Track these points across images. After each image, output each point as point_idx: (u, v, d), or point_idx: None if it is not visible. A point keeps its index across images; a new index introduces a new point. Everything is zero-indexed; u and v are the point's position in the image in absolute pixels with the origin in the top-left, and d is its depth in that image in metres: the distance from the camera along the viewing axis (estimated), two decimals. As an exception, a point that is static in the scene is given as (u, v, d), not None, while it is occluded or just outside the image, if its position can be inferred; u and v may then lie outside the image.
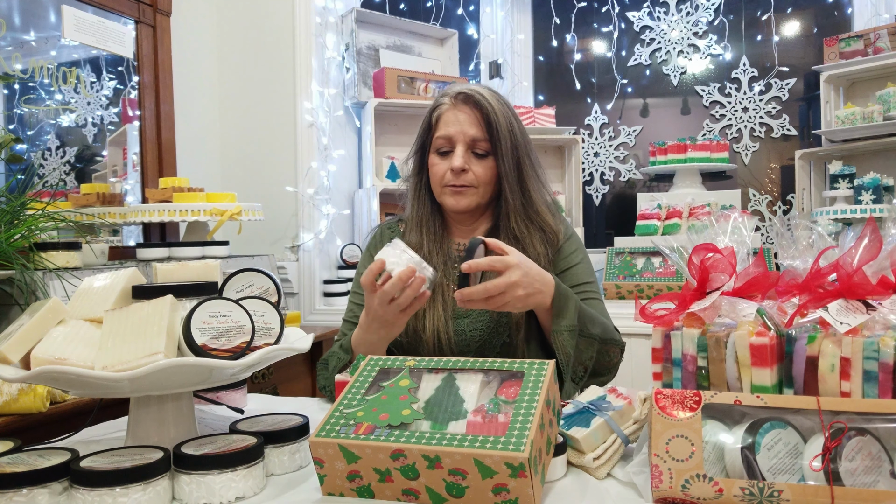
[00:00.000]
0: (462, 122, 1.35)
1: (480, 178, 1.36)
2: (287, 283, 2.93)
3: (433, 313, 1.34)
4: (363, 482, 0.83)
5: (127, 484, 0.78)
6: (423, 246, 1.40)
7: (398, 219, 1.53)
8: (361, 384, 0.92)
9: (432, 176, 1.40)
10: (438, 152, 1.38)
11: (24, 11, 2.25)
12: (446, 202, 1.39)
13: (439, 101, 1.40)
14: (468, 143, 1.34)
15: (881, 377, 0.78)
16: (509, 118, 1.36)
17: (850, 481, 0.73)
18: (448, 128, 1.36)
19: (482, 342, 1.33)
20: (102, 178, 2.52)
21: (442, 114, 1.38)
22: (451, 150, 1.36)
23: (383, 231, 1.51)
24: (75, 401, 1.42)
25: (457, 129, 1.34)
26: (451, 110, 1.37)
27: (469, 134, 1.34)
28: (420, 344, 1.34)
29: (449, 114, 1.37)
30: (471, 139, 1.34)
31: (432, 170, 1.39)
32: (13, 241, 1.55)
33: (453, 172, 1.35)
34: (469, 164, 1.35)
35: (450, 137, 1.35)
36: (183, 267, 1.04)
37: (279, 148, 2.97)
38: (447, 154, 1.37)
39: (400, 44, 3.18)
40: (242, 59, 3.01)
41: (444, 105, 1.38)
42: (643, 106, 3.25)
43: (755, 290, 0.90)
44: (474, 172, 1.35)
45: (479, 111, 1.34)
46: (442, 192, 1.38)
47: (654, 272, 2.55)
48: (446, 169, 1.36)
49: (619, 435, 0.92)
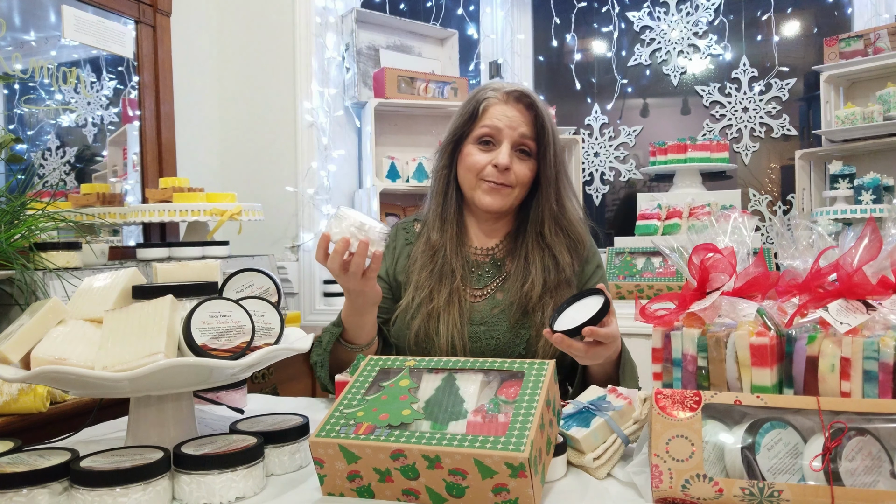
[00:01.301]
0: (512, 119, 1.30)
1: (520, 178, 1.32)
2: (287, 283, 2.93)
3: (448, 317, 1.30)
4: (363, 482, 0.83)
5: (127, 484, 0.78)
6: (445, 247, 1.36)
7: (413, 219, 1.49)
8: (361, 384, 0.92)
9: (467, 166, 1.34)
10: (479, 142, 1.33)
11: (24, 11, 2.25)
12: (480, 199, 1.33)
13: (485, 93, 1.35)
14: (515, 141, 1.31)
15: (881, 377, 0.78)
16: (554, 124, 1.34)
17: (850, 481, 0.73)
18: (497, 120, 1.31)
19: (497, 351, 1.30)
20: (102, 178, 2.52)
21: (490, 106, 1.33)
22: (495, 142, 1.32)
23: (398, 231, 1.48)
24: (75, 401, 1.42)
25: (507, 123, 1.30)
26: (500, 105, 1.32)
27: (518, 131, 1.30)
28: (433, 349, 1.31)
29: (498, 107, 1.32)
30: (519, 136, 1.30)
31: (468, 159, 1.34)
32: (13, 241, 1.55)
33: (497, 169, 1.30)
34: (512, 162, 1.31)
35: (498, 130, 1.31)
36: (183, 267, 1.04)
37: (279, 148, 2.97)
38: (489, 146, 1.32)
39: (400, 44, 3.18)
40: (242, 60, 3.01)
41: (493, 98, 1.34)
42: (643, 106, 3.25)
43: (755, 290, 0.90)
44: (516, 172, 1.31)
45: (531, 112, 1.31)
46: (477, 185, 1.33)
47: (654, 272, 2.55)
48: (487, 162, 1.31)
49: (619, 435, 0.92)
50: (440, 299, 1.31)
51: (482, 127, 1.32)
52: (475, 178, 1.33)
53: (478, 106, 1.34)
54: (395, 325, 1.37)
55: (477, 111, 1.34)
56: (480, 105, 1.34)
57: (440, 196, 1.40)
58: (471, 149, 1.34)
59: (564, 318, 1.10)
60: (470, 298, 1.36)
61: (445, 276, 1.34)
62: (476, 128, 1.33)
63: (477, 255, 1.40)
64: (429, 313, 1.31)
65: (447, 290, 1.32)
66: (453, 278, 1.34)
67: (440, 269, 1.34)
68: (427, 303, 1.32)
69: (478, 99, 1.35)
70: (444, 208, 1.39)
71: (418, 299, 1.33)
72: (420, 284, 1.34)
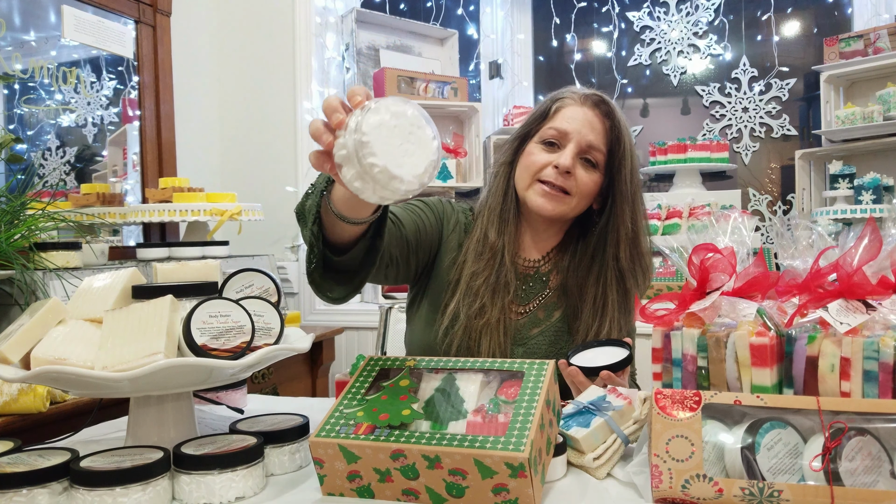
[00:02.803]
0: (584, 123, 1.22)
1: (582, 187, 1.22)
2: (287, 283, 2.93)
3: (492, 338, 1.21)
4: (363, 482, 0.83)
5: (127, 484, 0.78)
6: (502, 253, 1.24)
7: (469, 207, 1.36)
8: (361, 384, 0.92)
9: (526, 164, 1.25)
10: (544, 142, 1.24)
11: (24, 11, 2.25)
12: (533, 201, 1.23)
13: (563, 93, 1.27)
14: (582, 147, 1.21)
15: (881, 377, 0.78)
16: (632, 140, 1.25)
17: (850, 481, 0.73)
18: (566, 123, 1.22)
19: None
20: (102, 178, 2.52)
21: (564, 107, 1.24)
22: (560, 145, 1.22)
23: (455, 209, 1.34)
24: (75, 401, 1.42)
25: (576, 126, 1.21)
26: (576, 107, 1.24)
27: (587, 138, 1.21)
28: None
29: (573, 109, 1.23)
30: (587, 143, 1.21)
31: (528, 158, 1.24)
32: (13, 241, 1.55)
33: (557, 170, 1.20)
34: (574, 168, 1.21)
35: (565, 133, 1.22)
36: (183, 267, 1.04)
37: (279, 148, 2.97)
38: (553, 147, 1.23)
39: (400, 44, 3.18)
40: (242, 60, 3.01)
41: (570, 99, 1.25)
42: (643, 106, 3.25)
43: (755, 290, 0.90)
44: (577, 179, 1.21)
45: (607, 120, 1.23)
46: (531, 185, 1.24)
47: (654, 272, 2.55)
48: (548, 163, 1.22)
49: (619, 435, 0.91)
50: (492, 316, 1.21)
51: (550, 128, 1.24)
52: (531, 177, 1.24)
53: (551, 105, 1.26)
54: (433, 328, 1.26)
55: (549, 110, 1.26)
56: (554, 104, 1.26)
57: (499, 194, 1.29)
58: (533, 147, 1.25)
59: (583, 357, 1.12)
60: (514, 316, 1.27)
61: (499, 290, 1.23)
62: (544, 127, 1.25)
63: (525, 268, 1.30)
64: (476, 328, 1.21)
65: (499, 307, 1.22)
66: (506, 292, 1.23)
67: (495, 280, 1.23)
68: (477, 317, 1.21)
69: (553, 98, 1.28)
70: (503, 208, 1.28)
71: (468, 310, 1.22)
72: (472, 292, 1.23)
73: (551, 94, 1.30)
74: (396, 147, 0.76)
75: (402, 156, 0.77)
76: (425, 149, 0.78)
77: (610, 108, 1.24)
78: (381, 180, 0.76)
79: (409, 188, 0.78)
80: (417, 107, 0.79)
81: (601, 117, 1.23)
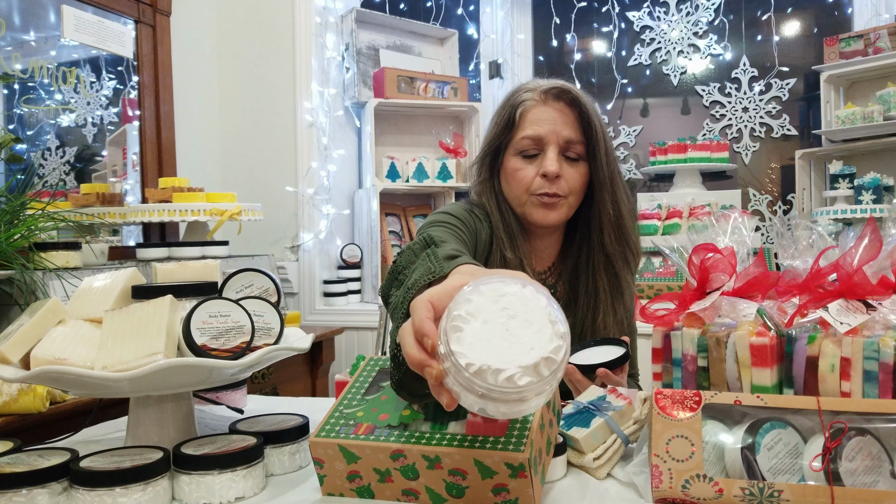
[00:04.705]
0: (555, 121, 1.18)
1: (573, 185, 1.20)
2: (287, 283, 2.93)
3: None
4: (363, 482, 0.83)
5: (127, 484, 0.78)
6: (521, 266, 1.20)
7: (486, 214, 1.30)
8: (361, 384, 0.92)
9: (513, 183, 1.22)
10: (523, 155, 1.20)
11: (24, 11, 2.25)
12: (533, 215, 1.21)
13: (521, 96, 1.22)
14: (561, 146, 1.18)
15: (881, 377, 0.78)
16: (601, 119, 1.21)
17: (850, 481, 0.73)
18: (537, 127, 1.18)
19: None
20: (102, 178, 2.52)
21: (527, 110, 1.20)
22: (539, 152, 1.19)
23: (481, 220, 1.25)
24: (75, 401, 1.42)
25: (549, 128, 1.18)
26: (539, 107, 1.20)
27: (563, 135, 1.18)
28: None
29: (538, 111, 1.19)
30: (565, 141, 1.18)
31: (514, 175, 1.21)
32: (13, 241, 1.55)
33: (546, 178, 1.17)
34: (561, 169, 1.18)
35: (539, 138, 1.18)
36: (183, 267, 1.04)
37: (279, 148, 2.97)
38: (533, 157, 1.20)
39: (400, 44, 3.18)
40: (242, 59, 3.01)
41: (530, 100, 1.20)
42: (643, 106, 3.25)
43: (755, 290, 0.90)
44: (567, 179, 1.19)
45: (574, 109, 1.19)
46: (527, 201, 1.21)
47: (654, 272, 2.55)
48: (535, 174, 1.18)
49: (619, 435, 0.91)
50: None
51: (523, 138, 1.20)
52: (524, 193, 1.21)
53: (514, 112, 1.21)
54: None
55: (514, 118, 1.21)
56: (517, 111, 1.21)
57: (496, 212, 1.25)
58: (514, 162, 1.21)
59: (580, 356, 1.12)
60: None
61: None
62: (516, 137, 1.21)
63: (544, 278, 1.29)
64: None
65: None
66: None
67: None
68: None
69: (513, 104, 1.22)
70: (505, 222, 1.24)
71: None
72: None
73: (507, 98, 1.25)
74: (500, 346, 0.59)
75: (512, 350, 0.59)
76: (535, 320, 0.60)
77: (573, 95, 1.20)
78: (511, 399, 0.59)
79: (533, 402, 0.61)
80: (495, 279, 0.62)
81: (568, 107, 1.19)
